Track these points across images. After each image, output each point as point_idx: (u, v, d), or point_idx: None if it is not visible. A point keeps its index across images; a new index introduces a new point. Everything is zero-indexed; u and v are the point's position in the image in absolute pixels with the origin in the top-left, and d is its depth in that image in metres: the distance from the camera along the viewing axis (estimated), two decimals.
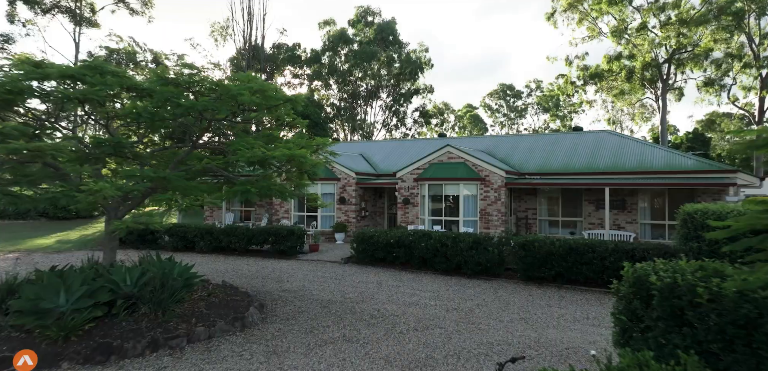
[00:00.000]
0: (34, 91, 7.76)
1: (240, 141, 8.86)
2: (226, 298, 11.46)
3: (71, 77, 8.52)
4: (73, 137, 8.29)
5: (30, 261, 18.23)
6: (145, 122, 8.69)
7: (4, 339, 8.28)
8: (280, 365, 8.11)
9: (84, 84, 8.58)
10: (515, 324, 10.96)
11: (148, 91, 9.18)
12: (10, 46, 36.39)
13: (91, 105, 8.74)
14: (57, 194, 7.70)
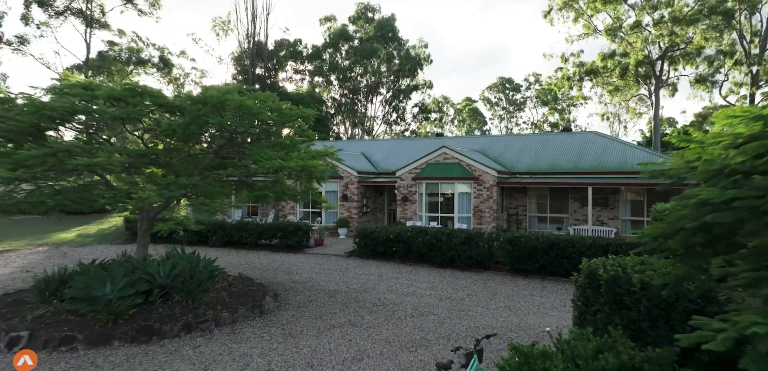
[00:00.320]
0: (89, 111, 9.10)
1: (260, 152, 10.23)
2: (244, 288, 12.86)
3: (115, 98, 9.86)
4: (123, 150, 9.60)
5: (60, 254, 19.61)
6: (178, 135, 10.03)
7: (63, 321, 9.67)
8: (296, 345, 9.50)
9: (126, 103, 9.94)
10: (500, 311, 12.35)
11: (179, 109, 10.55)
12: (25, 46, 37.68)
13: (131, 122, 10.08)
14: (108, 200, 9.04)
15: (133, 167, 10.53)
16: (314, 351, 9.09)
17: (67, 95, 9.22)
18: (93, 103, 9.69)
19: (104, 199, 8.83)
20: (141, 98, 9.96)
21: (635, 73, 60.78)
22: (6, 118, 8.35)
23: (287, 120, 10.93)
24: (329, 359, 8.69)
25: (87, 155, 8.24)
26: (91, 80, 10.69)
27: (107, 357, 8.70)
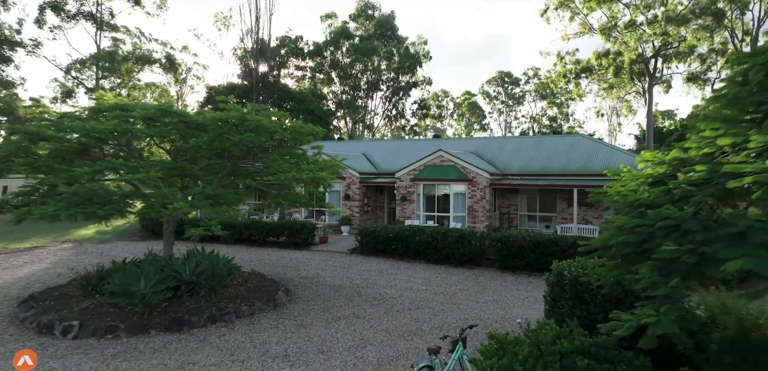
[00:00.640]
0: (129, 131, 10.43)
1: (276, 165, 11.56)
2: (259, 284, 14.24)
3: (149, 118, 11.19)
4: (157, 164, 10.91)
5: (84, 251, 20.98)
6: (203, 151, 11.36)
7: (105, 313, 11.04)
8: (307, 334, 10.88)
9: (158, 123, 11.28)
10: (489, 304, 13.73)
11: (203, 126, 11.89)
12: (39, 49, 38.93)
13: (162, 139, 11.41)
14: (146, 209, 10.36)
15: (164, 178, 11.87)
16: (324, 340, 10.47)
17: (109, 117, 10.55)
18: (131, 123, 11.01)
19: (143, 208, 10.15)
20: (170, 117, 11.29)
21: (630, 70, 61.90)
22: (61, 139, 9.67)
23: (299, 135, 12.28)
24: (337, 346, 10.07)
25: (131, 171, 9.57)
26: (127, 101, 12.04)
27: (147, 343, 10.08)
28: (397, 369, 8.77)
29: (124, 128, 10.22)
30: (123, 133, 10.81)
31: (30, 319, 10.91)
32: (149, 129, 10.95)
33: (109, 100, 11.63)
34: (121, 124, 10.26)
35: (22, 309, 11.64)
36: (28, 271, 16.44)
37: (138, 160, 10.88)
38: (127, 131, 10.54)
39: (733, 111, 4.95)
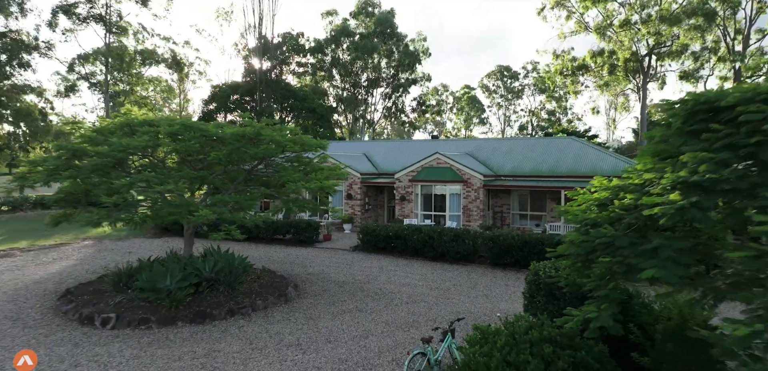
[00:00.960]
0: (158, 145, 11.68)
1: (287, 175, 12.85)
2: (270, 280, 15.56)
3: (174, 133, 12.47)
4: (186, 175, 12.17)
5: (104, 248, 22.27)
6: (222, 162, 12.64)
7: (137, 306, 12.36)
8: (316, 326, 12.19)
9: (182, 138, 12.57)
10: (479, 298, 15.05)
11: (221, 139, 13.18)
12: (51, 51, 40.12)
13: (185, 152, 12.70)
14: (174, 215, 11.63)
15: (190, 188, 13.17)
16: (331, 331, 11.79)
17: (140, 133, 11.82)
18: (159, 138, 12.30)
19: (171, 215, 11.43)
20: (193, 132, 12.58)
21: (624, 68, 62.97)
22: (100, 154, 10.93)
23: (308, 147, 13.56)
24: (343, 336, 11.39)
25: (161, 183, 10.84)
26: (153, 116, 13.29)
27: (176, 334, 11.40)
28: (395, 356, 10.09)
29: (154, 143, 11.50)
30: (155, 148, 12.09)
31: (71, 311, 12.25)
32: (175, 143, 12.22)
33: (138, 115, 12.89)
34: (151, 140, 11.54)
35: (62, 302, 12.98)
36: (59, 267, 17.76)
37: (164, 171, 12.13)
38: (158, 145, 11.81)
39: (659, 150, 6.26)
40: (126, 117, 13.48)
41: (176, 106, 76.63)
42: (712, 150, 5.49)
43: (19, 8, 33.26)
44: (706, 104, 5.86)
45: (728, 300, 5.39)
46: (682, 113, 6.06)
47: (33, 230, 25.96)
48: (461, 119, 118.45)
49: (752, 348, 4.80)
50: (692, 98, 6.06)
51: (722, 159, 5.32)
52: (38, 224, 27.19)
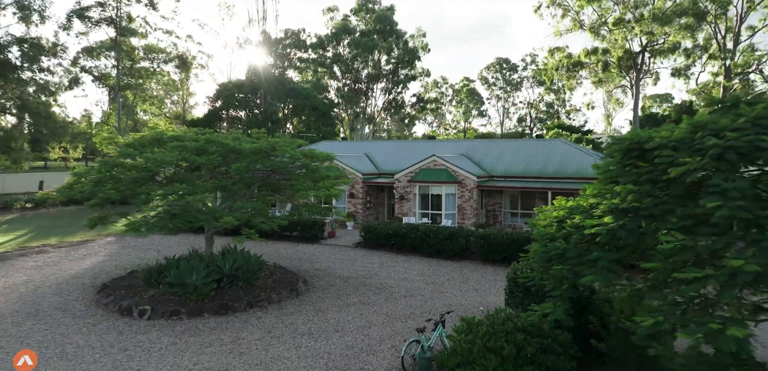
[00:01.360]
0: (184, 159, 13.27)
1: (299, 184, 14.42)
2: (282, 276, 17.15)
3: (199, 148, 14.02)
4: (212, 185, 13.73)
5: (126, 244, 23.82)
6: (241, 172, 14.22)
7: (167, 299, 13.95)
8: (325, 317, 13.79)
9: (205, 152, 14.13)
10: (470, 292, 16.64)
11: (239, 152, 14.74)
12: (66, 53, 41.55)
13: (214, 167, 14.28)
14: (203, 221, 13.18)
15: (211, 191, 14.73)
16: (338, 321, 13.40)
17: (169, 147, 13.38)
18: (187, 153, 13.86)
19: (199, 220, 13.00)
20: (216, 146, 14.13)
21: (618, 64, 64.25)
22: (137, 168, 12.50)
23: (317, 159, 15.12)
24: (348, 326, 13.00)
25: (191, 194, 12.41)
26: (180, 132, 14.85)
27: (203, 324, 13.01)
28: (394, 344, 11.69)
29: (181, 158, 13.06)
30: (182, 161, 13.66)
31: (111, 304, 13.86)
32: (200, 157, 13.78)
33: (166, 130, 14.43)
34: (179, 154, 13.10)
35: (101, 295, 14.59)
36: (91, 263, 19.36)
37: (192, 181, 13.69)
38: (184, 160, 13.38)
39: (604, 178, 7.84)
40: (155, 131, 15.04)
41: (178, 98, 77.96)
42: (638, 182, 7.07)
43: (40, 16, 34.73)
44: (637, 145, 7.42)
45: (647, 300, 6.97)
46: (619, 151, 7.63)
47: (56, 226, 27.52)
48: (460, 111, 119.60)
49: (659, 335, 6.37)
50: (628, 138, 7.63)
51: (645, 190, 6.90)
52: (61, 221, 28.79)
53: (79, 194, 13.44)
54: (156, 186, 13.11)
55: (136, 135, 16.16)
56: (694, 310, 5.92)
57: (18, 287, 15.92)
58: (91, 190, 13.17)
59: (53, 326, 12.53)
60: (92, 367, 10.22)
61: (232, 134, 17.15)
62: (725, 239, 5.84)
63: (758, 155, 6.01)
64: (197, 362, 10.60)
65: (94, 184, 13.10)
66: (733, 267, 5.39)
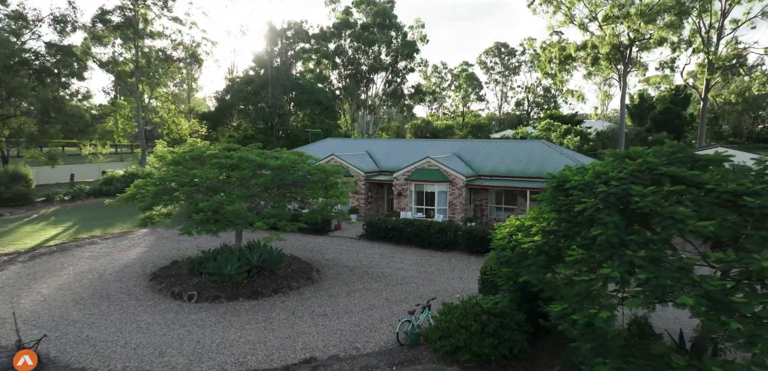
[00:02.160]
0: (222, 176, 16.20)
1: (313, 193, 17.42)
2: (298, 266, 20.21)
3: (233, 165, 16.97)
4: (243, 194, 16.71)
5: (160, 236, 26.75)
6: (268, 184, 17.20)
7: (209, 286, 16.98)
8: (335, 301, 16.83)
9: (239, 168, 17.09)
10: (455, 280, 19.66)
11: (265, 166, 17.70)
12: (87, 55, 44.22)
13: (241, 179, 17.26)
14: (238, 225, 16.17)
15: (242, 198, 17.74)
16: (346, 304, 16.46)
17: (209, 164, 16.35)
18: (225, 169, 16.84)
19: (236, 224, 16.00)
20: (247, 163, 17.11)
21: (607, 57, 66.65)
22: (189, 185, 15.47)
23: (330, 172, 18.16)
24: (355, 308, 16.06)
25: (229, 203, 15.39)
26: (217, 150, 17.84)
27: (240, 306, 16.06)
28: (391, 323, 14.74)
29: (219, 174, 16.05)
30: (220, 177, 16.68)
31: (164, 289, 16.94)
32: (233, 172, 16.77)
33: (205, 149, 17.43)
34: (218, 171, 16.09)
35: (154, 282, 17.68)
36: (136, 254, 22.41)
37: (228, 192, 16.69)
38: (222, 176, 16.39)
39: (543, 206, 10.84)
40: (193, 149, 18.04)
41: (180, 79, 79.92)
42: (559, 211, 10.07)
43: (72, 27, 37.39)
44: (561, 184, 10.41)
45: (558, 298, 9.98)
46: (551, 187, 10.61)
47: (96, 218, 30.46)
48: (459, 96, 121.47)
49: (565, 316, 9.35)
50: (557, 177, 10.60)
51: (562, 217, 9.91)
52: (98, 213, 31.75)
53: (140, 202, 16.43)
54: (199, 195, 16.09)
55: (179, 151, 19.08)
56: (585, 301, 8.94)
57: (86, 274, 19.01)
58: (151, 200, 16.15)
59: (124, 307, 15.63)
60: (163, 338, 13.33)
61: (254, 148, 20.01)
62: (604, 254, 8.85)
63: (628, 198, 9.00)
64: (241, 336, 13.69)
65: (153, 196, 16.08)
66: (605, 273, 8.41)
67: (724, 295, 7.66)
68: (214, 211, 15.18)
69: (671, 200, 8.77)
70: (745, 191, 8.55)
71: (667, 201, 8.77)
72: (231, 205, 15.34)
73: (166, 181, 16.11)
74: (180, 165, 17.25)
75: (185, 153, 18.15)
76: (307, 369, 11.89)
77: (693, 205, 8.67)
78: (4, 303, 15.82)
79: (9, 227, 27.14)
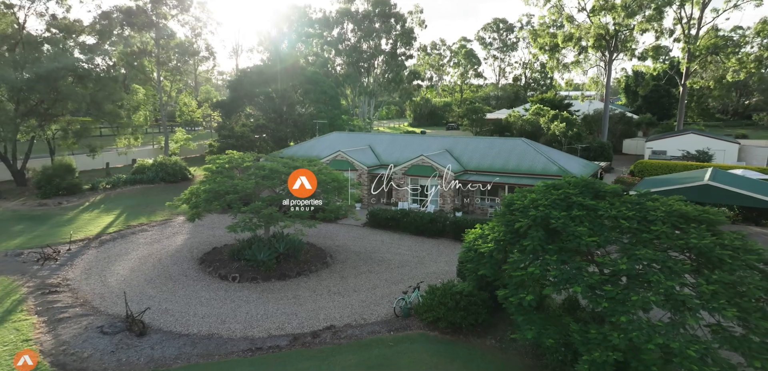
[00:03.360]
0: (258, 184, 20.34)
1: (327, 196, 21.56)
2: (315, 252, 24.39)
3: (264, 176, 21.05)
4: (274, 199, 20.84)
5: (196, 224, 30.89)
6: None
7: (247, 269, 21.13)
8: (346, 281, 21.04)
9: (272, 177, 21.19)
10: (442, 264, 23.81)
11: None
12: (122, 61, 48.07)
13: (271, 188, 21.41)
14: (270, 223, 20.29)
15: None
16: (355, 285, 20.71)
17: (247, 174, 20.49)
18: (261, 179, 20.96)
19: (270, 222, 20.15)
20: (276, 174, 21.21)
21: (594, 45, 69.79)
22: (234, 191, 19.63)
23: (340, 179, 22.29)
24: (362, 287, 20.31)
25: (266, 207, 19.51)
26: (250, 162, 22.00)
27: (272, 286, 20.29)
28: (390, 300, 18.95)
29: (256, 184, 20.23)
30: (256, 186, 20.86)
31: (212, 272, 21.21)
32: (265, 181, 20.93)
33: (241, 160, 21.55)
34: (254, 181, 20.26)
35: (204, 266, 21.94)
36: (182, 240, 26.61)
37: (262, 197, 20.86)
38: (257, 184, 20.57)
39: (500, 218, 15.01)
40: (233, 159, 22.18)
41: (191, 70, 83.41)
42: (506, 225, 14.25)
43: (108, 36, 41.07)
44: (510, 204, 14.56)
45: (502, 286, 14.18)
46: (504, 206, 14.75)
47: (139, 206, 34.36)
48: (458, 73, 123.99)
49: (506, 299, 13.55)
50: (507, 199, 14.74)
51: (508, 230, 14.09)
52: (138, 200, 35.72)
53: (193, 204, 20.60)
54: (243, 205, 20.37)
55: (220, 160, 23.14)
56: (519, 288, 13.14)
57: (147, 258, 23.27)
58: (204, 205, 20.31)
59: (185, 285, 19.91)
60: (221, 310, 17.62)
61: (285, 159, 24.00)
62: (531, 258, 13.02)
63: (547, 221, 13.14)
64: (277, 309, 17.98)
65: (206, 201, 20.23)
66: (530, 272, 12.61)
67: (600, 285, 11.86)
68: (255, 212, 19.34)
69: (576, 221, 12.95)
70: (622, 215, 12.74)
71: (573, 222, 12.94)
72: (266, 209, 19.51)
73: (215, 190, 20.24)
74: (221, 175, 21.37)
75: (223, 164, 22.26)
76: (329, 333, 16.20)
77: (590, 225, 12.84)
78: (96, 281, 20.15)
79: (70, 214, 31.33)
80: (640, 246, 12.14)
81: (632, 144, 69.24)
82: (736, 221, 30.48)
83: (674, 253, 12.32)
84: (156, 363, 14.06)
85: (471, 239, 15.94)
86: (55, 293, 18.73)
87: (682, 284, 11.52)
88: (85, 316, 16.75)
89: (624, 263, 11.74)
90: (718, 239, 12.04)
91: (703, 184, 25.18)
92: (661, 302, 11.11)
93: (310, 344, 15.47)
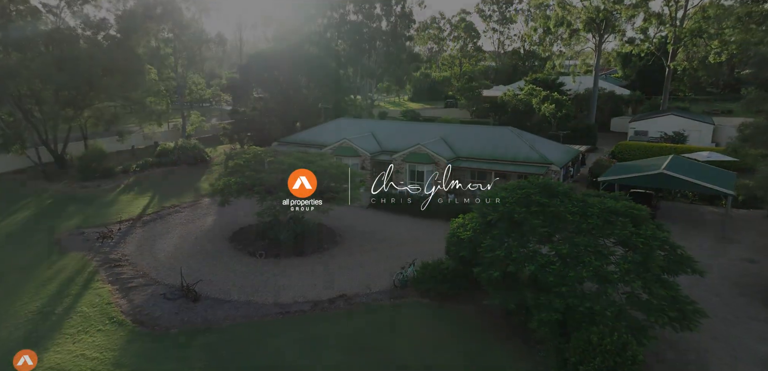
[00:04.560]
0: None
1: (338, 186, 25.23)
2: (327, 232, 28.13)
3: (283, 171, 24.69)
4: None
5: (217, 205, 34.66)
6: None
7: (273, 246, 24.91)
8: (354, 258, 24.81)
9: (287, 166, 24.84)
10: (435, 242, 27.43)
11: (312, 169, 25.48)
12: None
13: None
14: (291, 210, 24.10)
15: None
16: (362, 261, 24.50)
17: (271, 168, 24.16)
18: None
19: (290, 210, 23.91)
20: (294, 168, 24.83)
21: (584, 29, 72.33)
22: (262, 182, 23.36)
23: (355, 175, 25.97)
24: (367, 263, 24.11)
25: (288, 197, 23.26)
26: (272, 158, 25.65)
27: (292, 261, 24.07)
28: (390, 273, 22.70)
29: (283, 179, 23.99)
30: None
31: (242, 250, 25.03)
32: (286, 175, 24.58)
33: (265, 155, 25.15)
34: (276, 176, 23.99)
35: (234, 244, 25.77)
36: (211, 221, 30.32)
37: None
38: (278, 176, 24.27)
39: (473, 212, 18.77)
40: (254, 153, 25.82)
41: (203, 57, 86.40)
42: (482, 218, 18.02)
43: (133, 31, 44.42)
44: (484, 200, 18.29)
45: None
46: (482, 202, 18.47)
47: (166, 187, 37.92)
48: (458, 46, 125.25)
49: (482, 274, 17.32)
50: (484, 194, 18.46)
51: (483, 222, 17.86)
52: (167, 183, 39.33)
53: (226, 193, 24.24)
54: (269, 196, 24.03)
55: (246, 155, 26.72)
56: (489, 267, 16.88)
57: (186, 237, 27.08)
58: (235, 193, 23.99)
59: (222, 261, 23.76)
60: (253, 281, 21.47)
61: (303, 154, 27.53)
62: (498, 242, 16.75)
63: (511, 214, 16.86)
64: (299, 281, 21.84)
65: (238, 191, 23.92)
66: (497, 254, 16.38)
67: (548, 264, 15.61)
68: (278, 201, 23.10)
69: (533, 216, 16.67)
70: (567, 211, 16.47)
71: (531, 216, 16.67)
72: (289, 197, 23.26)
73: (244, 183, 23.94)
74: (249, 169, 25.06)
75: (249, 160, 25.96)
76: (342, 300, 20.10)
77: (543, 218, 16.58)
78: (148, 257, 24.03)
79: (110, 196, 35.08)
80: (578, 235, 15.90)
81: (619, 123, 70.64)
82: (694, 202, 34.21)
83: (603, 240, 16.06)
84: (209, 323, 17.97)
85: (455, 226, 19.71)
86: (119, 266, 22.61)
87: (608, 263, 15.31)
88: (148, 285, 20.64)
89: (565, 248, 15.52)
90: (637, 229, 15.76)
91: (659, 172, 28.74)
92: (591, 276, 14.94)
93: (328, 309, 19.37)
